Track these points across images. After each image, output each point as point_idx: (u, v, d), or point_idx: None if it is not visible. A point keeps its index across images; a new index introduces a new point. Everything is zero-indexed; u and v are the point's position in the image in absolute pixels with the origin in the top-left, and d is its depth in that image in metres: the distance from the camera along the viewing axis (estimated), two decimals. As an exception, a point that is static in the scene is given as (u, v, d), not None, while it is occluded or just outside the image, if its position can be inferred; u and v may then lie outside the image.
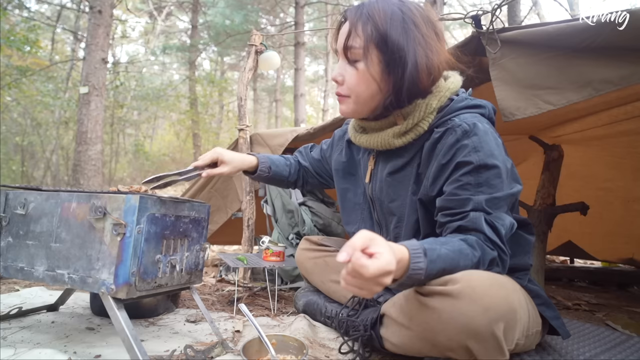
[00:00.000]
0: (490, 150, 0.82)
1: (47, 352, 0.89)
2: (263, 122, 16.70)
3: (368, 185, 1.04)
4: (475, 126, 0.83)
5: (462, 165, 0.82)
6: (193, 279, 1.07)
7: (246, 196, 1.89)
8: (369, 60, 0.86)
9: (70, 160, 8.31)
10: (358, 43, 0.86)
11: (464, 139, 0.82)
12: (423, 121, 0.90)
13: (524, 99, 1.14)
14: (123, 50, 15.19)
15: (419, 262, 0.70)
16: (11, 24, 6.69)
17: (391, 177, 0.97)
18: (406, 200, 0.94)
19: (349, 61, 0.89)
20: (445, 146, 0.84)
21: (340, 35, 0.91)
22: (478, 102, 0.91)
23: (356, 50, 0.87)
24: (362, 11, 0.87)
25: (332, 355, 0.97)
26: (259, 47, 1.94)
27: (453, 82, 0.93)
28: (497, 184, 0.81)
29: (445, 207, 0.84)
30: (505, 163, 0.84)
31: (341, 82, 0.92)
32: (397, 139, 0.92)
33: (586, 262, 2.96)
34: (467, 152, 0.81)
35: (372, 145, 0.97)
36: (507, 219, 0.82)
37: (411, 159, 0.93)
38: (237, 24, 9.45)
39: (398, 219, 0.96)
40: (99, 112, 4.67)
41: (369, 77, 0.87)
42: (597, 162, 2.12)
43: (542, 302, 0.93)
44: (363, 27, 0.85)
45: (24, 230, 0.99)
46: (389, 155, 0.98)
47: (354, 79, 0.89)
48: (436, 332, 0.74)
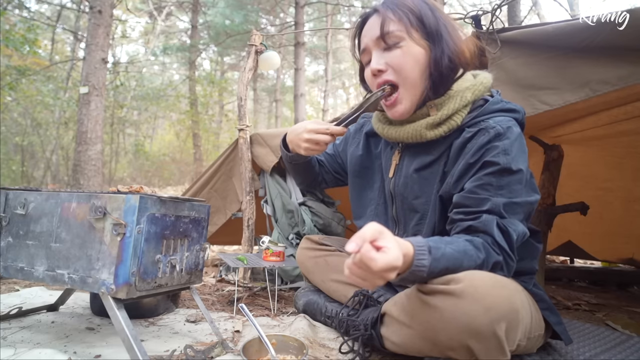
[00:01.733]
0: (518, 155, 0.82)
1: (47, 352, 0.89)
2: (263, 122, 16.70)
3: (390, 180, 1.02)
4: (509, 130, 0.83)
5: (488, 165, 0.82)
6: (193, 279, 1.07)
7: (246, 196, 1.89)
8: (411, 37, 0.87)
9: (70, 160, 8.32)
10: (396, 26, 0.88)
11: (496, 140, 0.82)
12: (457, 114, 0.89)
13: (521, 99, 1.15)
14: (123, 50, 15.20)
15: (423, 260, 0.70)
16: (11, 24, 6.69)
17: (417, 173, 0.95)
18: (431, 197, 0.93)
19: (388, 47, 0.89)
20: (476, 146, 0.84)
21: (370, 30, 0.91)
22: (513, 107, 0.90)
23: (396, 32, 0.87)
24: (389, 3, 0.90)
25: (332, 355, 0.97)
26: (259, 47, 1.94)
27: (485, 77, 0.93)
28: (518, 190, 0.82)
29: (461, 204, 0.84)
30: (528, 171, 0.85)
31: (385, 69, 0.90)
32: (430, 130, 0.91)
33: (586, 262, 2.96)
34: (496, 153, 0.81)
35: (401, 137, 0.95)
36: (520, 226, 0.82)
37: (439, 157, 0.92)
38: (237, 24, 9.45)
39: (420, 217, 0.95)
40: (99, 112, 4.67)
41: (414, 53, 0.88)
42: (597, 162, 2.12)
43: (546, 306, 0.93)
44: (397, 13, 0.88)
45: (24, 230, 0.99)
46: (416, 151, 0.97)
47: (400, 60, 0.88)
48: (437, 331, 0.74)
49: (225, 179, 2.11)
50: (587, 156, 2.11)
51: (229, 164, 2.09)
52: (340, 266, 1.16)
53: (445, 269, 0.74)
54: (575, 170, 2.18)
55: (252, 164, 1.93)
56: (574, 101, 1.06)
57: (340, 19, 13.32)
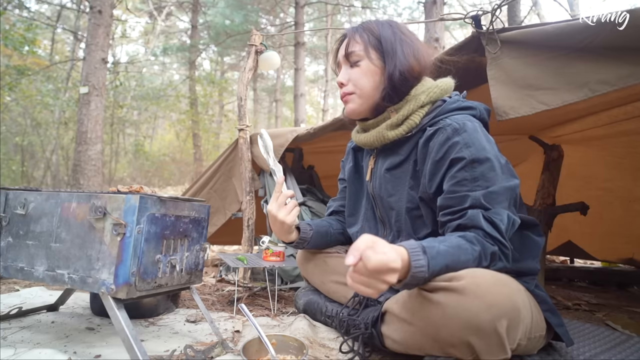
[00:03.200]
0: (481, 145, 0.86)
1: (47, 352, 0.89)
2: (263, 122, 16.69)
3: (369, 184, 1.10)
4: (464, 124, 0.89)
5: (456, 161, 0.86)
6: (193, 279, 1.07)
7: (246, 196, 1.89)
8: (369, 57, 1.01)
9: (70, 160, 8.31)
10: (358, 47, 1.02)
11: (455, 136, 0.87)
12: (414, 115, 0.98)
13: (519, 98, 1.15)
14: (123, 50, 15.19)
15: (420, 260, 0.72)
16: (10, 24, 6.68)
17: (389, 173, 1.03)
18: (403, 194, 0.99)
19: (351, 65, 1.03)
20: (437, 144, 0.90)
21: (342, 49, 1.06)
22: (469, 104, 0.97)
23: (357, 52, 1.02)
24: (357, 26, 1.06)
25: (332, 355, 0.97)
26: (259, 47, 1.94)
27: (443, 82, 1.01)
28: (492, 177, 0.84)
29: (445, 205, 0.87)
30: (498, 158, 0.87)
31: (346, 83, 1.04)
32: (390, 130, 1.00)
33: (586, 262, 2.96)
34: (459, 149, 0.86)
35: (369, 140, 1.04)
36: (505, 214, 0.83)
37: (408, 156, 1.00)
38: (237, 24, 9.44)
39: (397, 213, 1.00)
40: (99, 112, 4.67)
41: (369, 70, 1.01)
42: (597, 162, 2.12)
43: (548, 308, 0.93)
44: (360, 35, 1.03)
45: (24, 230, 0.99)
46: (387, 153, 1.05)
47: (357, 75, 1.02)
48: (438, 327, 0.75)
49: (225, 179, 2.11)
50: (587, 156, 2.11)
51: (228, 164, 2.10)
52: (340, 267, 1.17)
53: (445, 267, 0.75)
54: (575, 170, 2.18)
55: (252, 164, 1.93)
56: (572, 101, 1.06)
57: (340, 19, 13.32)
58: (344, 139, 1.68)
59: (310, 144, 2.06)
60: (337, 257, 1.22)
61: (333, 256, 1.22)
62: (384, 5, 12.53)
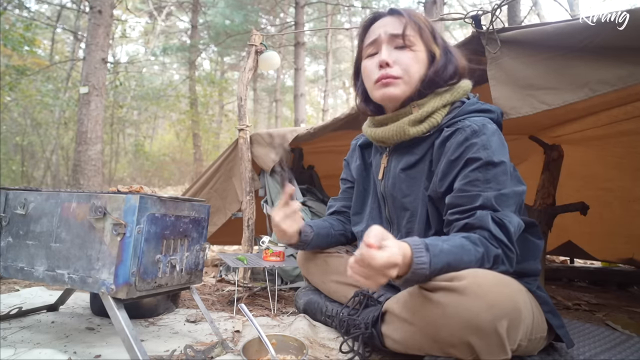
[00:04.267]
0: (497, 148, 0.87)
1: (47, 352, 0.89)
2: (263, 122, 16.68)
3: (380, 183, 1.08)
4: (484, 127, 0.89)
5: (472, 161, 0.86)
6: (193, 279, 1.07)
7: (246, 196, 1.89)
8: (426, 45, 0.99)
9: (70, 160, 8.30)
10: (413, 32, 0.98)
11: (473, 137, 0.87)
12: (437, 113, 0.96)
13: (519, 98, 1.15)
14: (123, 50, 15.20)
15: (422, 257, 0.72)
16: (10, 24, 6.67)
17: (404, 173, 1.01)
18: (419, 195, 0.98)
19: (401, 47, 0.98)
20: (455, 144, 0.89)
21: (386, 26, 1.00)
22: (488, 107, 0.97)
23: (412, 37, 0.97)
24: (410, 12, 1.01)
25: (332, 355, 0.97)
26: (259, 47, 1.94)
27: (465, 82, 1.01)
28: (504, 181, 0.85)
29: (454, 204, 0.87)
30: (510, 164, 0.88)
31: (392, 65, 0.98)
32: (412, 127, 0.97)
33: (586, 262, 2.96)
34: (477, 149, 0.86)
35: (387, 134, 1.01)
36: (514, 217, 0.84)
37: (423, 156, 0.98)
38: (237, 24, 9.44)
39: (411, 214, 0.99)
40: (99, 112, 4.67)
41: (422, 59, 0.98)
42: (597, 162, 2.12)
43: (549, 309, 0.93)
44: (416, 22, 0.99)
45: (24, 230, 0.99)
46: (402, 152, 1.03)
47: (410, 61, 0.97)
48: (439, 327, 0.75)
49: (225, 179, 2.11)
50: (587, 156, 2.11)
51: (229, 164, 2.09)
52: (340, 267, 1.16)
53: (446, 265, 0.75)
54: (575, 170, 2.17)
55: (252, 164, 1.93)
56: (572, 101, 1.07)
57: (340, 19, 13.32)
58: (344, 139, 1.68)
59: (310, 144, 2.06)
60: (338, 257, 1.22)
61: (334, 256, 1.22)
62: (384, 6, 12.54)
